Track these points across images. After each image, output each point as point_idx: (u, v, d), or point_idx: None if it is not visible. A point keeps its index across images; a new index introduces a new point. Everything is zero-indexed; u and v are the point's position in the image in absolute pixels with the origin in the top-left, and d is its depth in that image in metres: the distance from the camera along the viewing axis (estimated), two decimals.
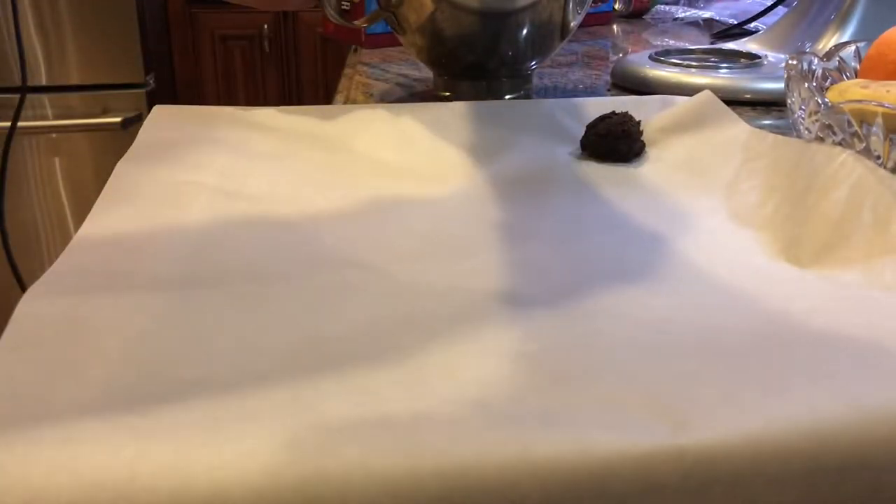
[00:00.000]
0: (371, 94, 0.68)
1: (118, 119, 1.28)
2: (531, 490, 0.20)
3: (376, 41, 0.87)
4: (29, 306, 0.28)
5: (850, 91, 0.44)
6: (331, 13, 0.60)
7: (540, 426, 0.22)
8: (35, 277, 0.31)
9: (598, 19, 1.05)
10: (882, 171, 0.35)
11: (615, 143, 0.47)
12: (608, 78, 0.73)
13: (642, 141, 0.48)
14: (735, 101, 0.53)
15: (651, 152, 0.48)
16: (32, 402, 0.23)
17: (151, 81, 1.56)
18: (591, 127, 0.48)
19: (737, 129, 0.47)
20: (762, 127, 0.47)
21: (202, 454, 0.20)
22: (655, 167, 0.46)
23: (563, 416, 0.22)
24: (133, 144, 0.44)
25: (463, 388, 0.24)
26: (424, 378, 0.25)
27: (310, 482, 0.20)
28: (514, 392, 0.24)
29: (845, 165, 0.36)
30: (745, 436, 0.21)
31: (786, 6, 0.84)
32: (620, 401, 0.23)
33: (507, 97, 0.61)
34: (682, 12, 1.08)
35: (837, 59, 0.50)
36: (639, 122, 0.48)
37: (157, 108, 0.49)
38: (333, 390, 0.24)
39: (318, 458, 0.20)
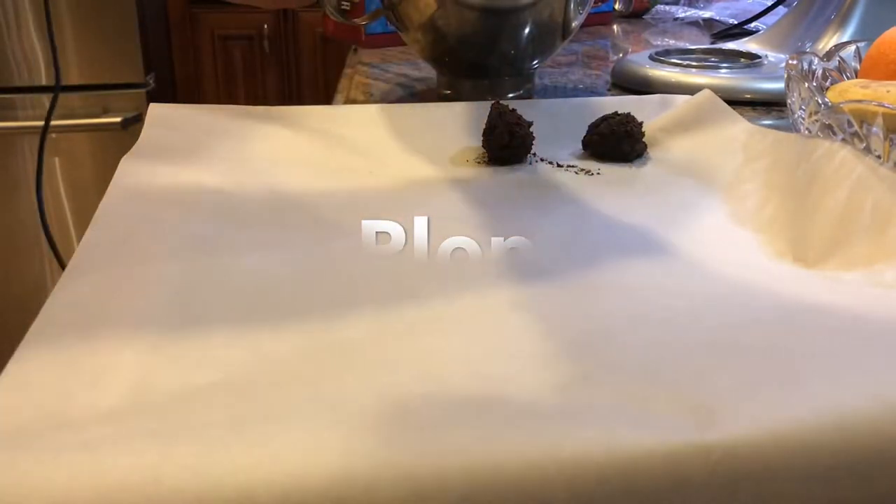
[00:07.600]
0: (371, 94, 0.68)
1: (118, 119, 1.28)
2: (558, 488, 0.20)
3: (375, 41, 0.87)
4: (58, 295, 0.28)
5: (851, 91, 0.44)
6: (330, 10, 0.61)
7: (566, 424, 0.22)
8: (34, 277, 0.31)
9: (598, 19, 1.05)
10: (882, 169, 0.35)
11: (617, 143, 0.47)
12: (608, 78, 0.73)
13: (644, 142, 0.48)
14: (735, 101, 0.53)
15: (652, 153, 0.48)
16: (53, 409, 0.23)
17: (151, 81, 1.56)
18: (594, 126, 0.48)
19: (737, 129, 0.47)
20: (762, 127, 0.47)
21: (227, 456, 0.20)
22: (657, 168, 0.46)
23: (589, 413, 0.22)
24: (135, 145, 0.44)
25: (486, 387, 0.24)
26: (446, 378, 0.24)
27: (336, 483, 0.20)
28: (537, 391, 0.24)
29: (845, 163, 0.36)
30: (772, 431, 0.21)
31: (786, 6, 0.84)
32: (644, 398, 0.23)
33: (509, 96, 0.61)
34: (682, 12, 1.08)
35: (837, 58, 0.50)
36: (641, 123, 0.48)
37: (153, 107, 0.48)
38: (355, 390, 0.24)
39: (344, 458, 0.20)
